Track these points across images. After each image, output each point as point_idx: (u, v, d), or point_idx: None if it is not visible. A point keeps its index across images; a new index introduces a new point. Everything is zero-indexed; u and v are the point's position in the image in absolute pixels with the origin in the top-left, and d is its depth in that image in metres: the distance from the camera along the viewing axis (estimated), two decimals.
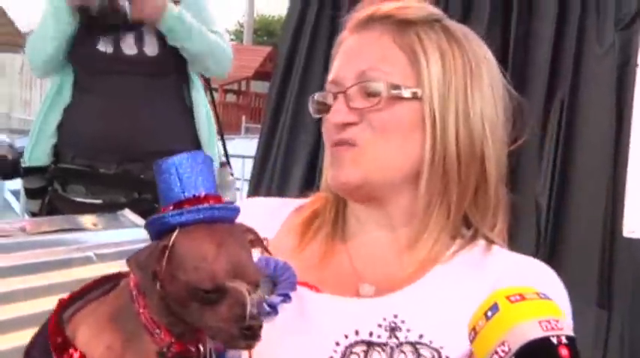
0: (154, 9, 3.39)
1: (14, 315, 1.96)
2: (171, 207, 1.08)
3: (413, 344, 1.22)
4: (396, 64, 1.31)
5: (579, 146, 2.42)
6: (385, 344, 1.22)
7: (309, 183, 2.85)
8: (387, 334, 1.23)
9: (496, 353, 1.01)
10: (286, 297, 1.26)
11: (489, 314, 1.03)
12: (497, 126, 1.34)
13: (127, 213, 2.64)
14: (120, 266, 2.29)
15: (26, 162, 3.57)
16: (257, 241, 1.14)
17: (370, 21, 1.34)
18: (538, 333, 1.00)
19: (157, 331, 1.09)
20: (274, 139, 2.99)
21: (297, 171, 2.92)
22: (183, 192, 1.08)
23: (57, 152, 3.55)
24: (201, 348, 1.11)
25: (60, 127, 3.54)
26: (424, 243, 1.32)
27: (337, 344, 1.24)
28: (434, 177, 1.30)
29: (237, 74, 20.47)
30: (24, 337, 1.91)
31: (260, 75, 21.04)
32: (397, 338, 1.23)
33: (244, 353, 1.20)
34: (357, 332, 1.24)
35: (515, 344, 1.00)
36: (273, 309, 1.25)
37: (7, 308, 1.98)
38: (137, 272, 1.06)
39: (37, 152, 3.56)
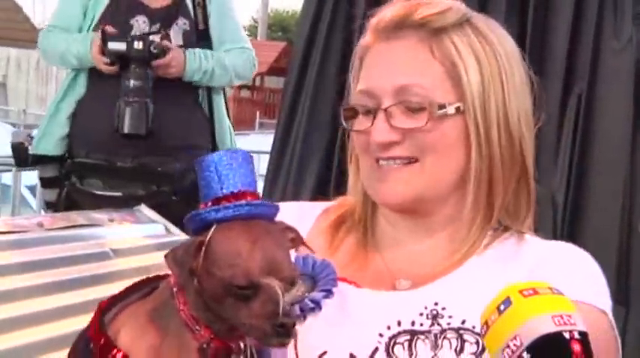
0: (177, 69, 3.50)
1: (32, 311, 1.97)
2: (209, 204, 1.08)
3: (456, 330, 1.21)
4: (436, 77, 1.27)
5: (596, 141, 2.41)
6: (429, 332, 1.22)
7: (325, 179, 2.85)
8: (430, 322, 1.23)
9: (508, 347, 1.00)
10: (329, 293, 1.26)
11: (502, 308, 1.02)
12: (531, 119, 1.33)
13: (143, 208, 2.65)
14: (136, 261, 2.32)
15: (34, 149, 3.59)
16: (298, 239, 1.14)
17: (400, 27, 1.29)
18: (551, 328, 0.99)
19: (197, 328, 1.09)
20: (290, 136, 2.98)
21: (312, 167, 2.91)
22: (222, 189, 1.09)
23: (69, 146, 3.57)
24: (242, 345, 1.11)
25: (72, 118, 3.57)
26: (464, 245, 1.31)
27: (380, 335, 1.23)
28: (481, 185, 1.30)
29: None
30: (41, 332, 1.93)
31: (274, 70, 21.04)
32: (440, 325, 1.22)
33: (290, 349, 1.22)
34: (399, 323, 1.24)
35: (528, 338, 0.99)
36: (317, 305, 1.25)
37: (25, 303, 1.99)
38: (174, 268, 1.07)
39: (46, 140, 3.58)
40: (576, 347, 0.99)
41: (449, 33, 1.28)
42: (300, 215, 1.40)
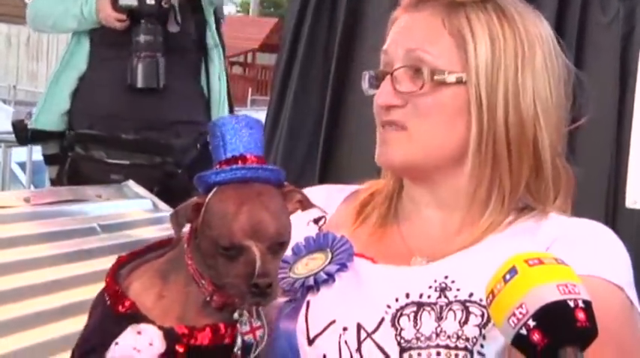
0: None
1: (18, 285, 1.98)
2: (216, 167, 1.14)
3: (462, 303, 1.22)
4: (443, 47, 1.30)
5: (582, 116, 2.41)
6: (435, 304, 1.23)
7: (313, 154, 2.85)
8: (437, 294, 1.24)
9: (514, 315, 1.02)
10: (343, 266, 1.30)
11: (507, 277, 1.04)
12: (551, 107, 1.32)
13: (131, 184, 2.65)
14: (123, 237, 2.32)
15: (34, 124, 3.58)
16: (305, 201, 1.18)
17: (421, 2, 1.34)
18: (556, 296, 1.00)
19: (202, 282, 1.15)
20: (281, 112, 2.99)
21: (302, 142, 2.92)
22: (225, 153, 1.13)
23: (70, 121, 3.57)
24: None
25: (74, 95, 3.57)
26: (481, 223, 1.31)
27: (388, 306, 1.26)
28: (482, 162, 1.30)
29: (243, 46, 20.38)
30: (28, 307, 1.93)
31: (266, 47, 20.95)
32: (447, 297, 1.24)
33: (301, 316, 1.27)
34: (407, 295, 1.26)
35: (533, 306, 1.01)
36: (330, 277, 1.29)
37: (12, 278, 1.99)
38: (173, 226, 1.13)
39: (46, 115, 3.57)
40: (580, 316, 1.00)
41: (466, 8, 1.30)
42: (328, 197, 1.45)
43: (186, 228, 1.17)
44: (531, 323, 1.01)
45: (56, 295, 1.98)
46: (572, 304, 1.00)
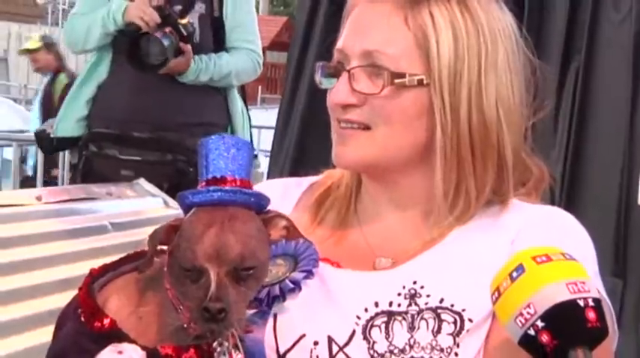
0: (175, 72, 3.48)
1: (31, 283, 1.98)
2: (198, 187, 1.10)
3: (434, 310, 1.19)
4: (404, 47, 1.24)
5: (594, 114, 2.40)
6: (406, 313, 1.20)
7: (326, 153, 2.84)
8: (407, 302, 1.21)
9: (521, 314, 1.00)
10: (309, 273, 1.25)
11: (514, 275, 1.01)
12: (513, 106, 1.28)
13: (142, 182, 2.65)
14: (134, 235, 2.32)
15: (54, 133, 3.64)
16: (291, 228, 1.13)
17: None
18: (565, 296, 0.99)
19: (181, 308, 1.10)
20: (293, 110, 2.98)
21: (314, 139, 2.91)
22: (207, 173, 1.10)
23: (88, 126, 3.60)
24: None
25: (92, 101, 3.59)
26: (441, 221, 1.28)
27: (358, 317, 1.22)
28: (448, 164, 1.25)
29: None
30: (41, 305, 1.94)
31: (276, 45, 20.98)
32: (417, 305, 1.20)
33: (269, 331, 1.22)
34: (376, 304, 1.22)
35: (542, 306, 0.99)
36: (297, 285, 1.25)
37: (24, 276, 2.00)
38: (148, 246, 1.09)
39: (65, 123, 3.62)
40: (591, 315, 0.99)
41: (430, 3, 1.25)
42: (284, 192, 1.39)
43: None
44: (540, 323, 0.99)
45: (69, 293, 1.97)
46: (582, 303, 0.98)
